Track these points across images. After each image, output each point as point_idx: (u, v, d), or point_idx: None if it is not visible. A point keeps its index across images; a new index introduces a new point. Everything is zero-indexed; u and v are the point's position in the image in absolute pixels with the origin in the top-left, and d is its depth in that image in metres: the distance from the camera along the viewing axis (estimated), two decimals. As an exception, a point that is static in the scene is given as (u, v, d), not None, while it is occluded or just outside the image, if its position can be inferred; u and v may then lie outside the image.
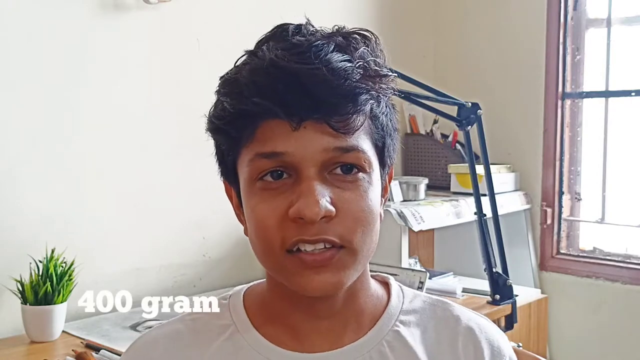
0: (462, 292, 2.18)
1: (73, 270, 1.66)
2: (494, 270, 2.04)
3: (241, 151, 0.71)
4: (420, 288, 1.97)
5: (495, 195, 2.09)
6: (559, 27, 2.61)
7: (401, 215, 2.17)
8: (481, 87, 2.76)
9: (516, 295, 2.10)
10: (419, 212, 2.23)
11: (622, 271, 2.50)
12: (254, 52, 0.71)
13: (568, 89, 2.65)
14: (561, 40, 2.61)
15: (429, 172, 2.71)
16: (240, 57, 0.72)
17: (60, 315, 1.64)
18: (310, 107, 0.66)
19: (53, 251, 1.64)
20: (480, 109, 2.01)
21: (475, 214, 2.06)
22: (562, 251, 2.70)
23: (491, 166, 2.09)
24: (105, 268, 1.88)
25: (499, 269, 2.06)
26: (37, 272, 1.62)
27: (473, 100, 2.03)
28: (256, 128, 0.68)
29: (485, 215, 2.06)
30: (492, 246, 2.05)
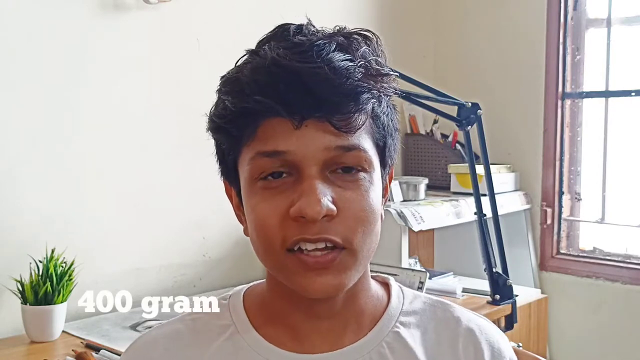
0: (462, 292, 2.18)
1: (73, 270, 1.66)
2: (494, 270, 2.04)
3: (242, 150, 0.71)
4: (420, 288, 1.97)
5: (495, 195, 2.09)
6: (559, 27, 2.61)
7: (401, 215, 2.17)
8: (481, 87, 2.76)
9: (516, 295, 2.10)
10: (419, 212, 2.23)
11: (622, 271, 2.50)
12: (256, 51, 0.71)
13: (568, 89, 2.65)
14: (561, 40, 2.61)
15: (429, 172, 2.71)
16: (241, 57, 0.72)
17: (60, 315, 1.63)
18: (312, 106, 0.66)
19: (53, 251, 1.64)
20: (480, 109, 2.01)
21: (475, 214, 2.06)
22: (562, 251, 2.69)
23: (491, 166, 2.09)
24: (105, 268, 1.88)
25: (499, 269, 2.06)
26: (37, 272, 1.62)
27: (473, 100, 2.03)
28: (257, 126, 0.68)
29: (485, 215, 2.06)
30: (492, 246, 2.05)
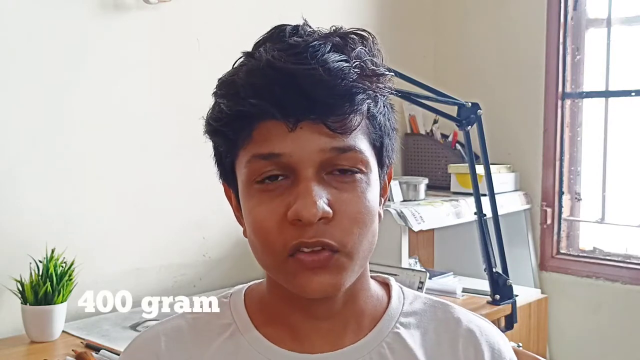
0: (462, 292, 2.18)
1: (73, 270, 1.66)
2: (494, 270, 2.04)
3: (239, 153, 0.71)
4: (420, 288, 1.97)
5: (495, 195, 2.08)
6: (559, 27, 2.61)
7: (401, 215, 2.17)
8: (481, 87, 2.76)
9: (516, 295, 2.10)
10: (419, 212, 2.23)
11: (622, 271, 2.50)
12: (251, 53, 0.71)
13: (568, 89, 2.65)
14: (561, 40, 2.61)
15: (429, 172, 2.71)
16: (238, 59, 0.72)
17: (60, 315, 1.63)
18: (307, 108, 0.66)
19: (53, 251, 1.64)
20: (480, 109, 2.01)
21: (475, 214, 2.06)
22: (562, 251, 2.69)
23: (491, 166, 2.09)
24: (105, 268, 1.88)
25: (499, 269, 2.06)
26: (37, 272, 1.62)
27: (473, 100, 2.03)
28: (253, 129, 0.68)
29: (485, 215, 2.06)
30: (492, 246, 2.05)
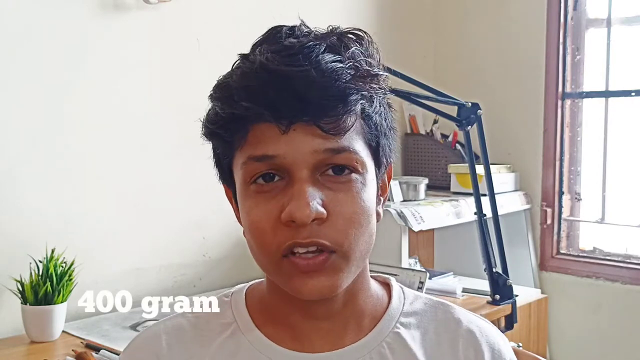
0: (462, 292, 2.18)
1: (73, 270, 1.66)
2: (494, 270, 2.04)
3: (235, 154, 0.71)
4: (420, 288, 1.97)
5: (495, 195, 2.08)
6: (559, 27, 2.61)
7: (401, 215, 2.17)
8: (481, 87, 2.76)
9: (516, 295, 2.10)
10: (419, 212, 2.23)
11: (622, 271, 2.50)
12: (246, 55, 0.71)
13: (568, 89, 2.65)
14: (561, 40, 2.61)
15: (429, 172, 2.71)
16: (235, 61, 0.72)
17: (60, 315, 1.63)
18: (300, 110, 0.66)
19: (53, 251, 1.64)
20: (480, 109, 2.01)
21: (475, 214, 2.06)
22: (562, 251, 2.69)
23: (491, 166, 2.09)
24: (105, 268, 1.88)
25: (499, 269, 2.06)
26: (37, 272, 1.62)
27: (473, 100, 2.03)
28: (248, 131, 0.69)
29: (485, 215, 2.06)
30: (492, 246, 2.05)
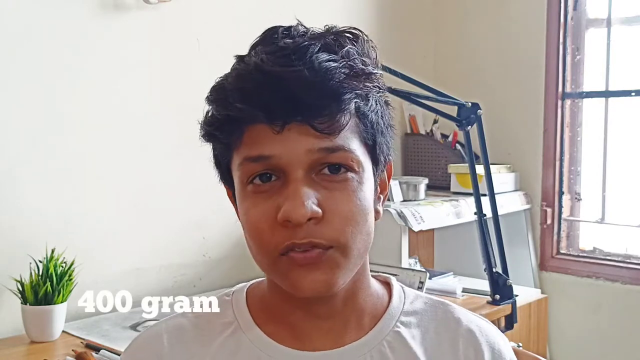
0: (462, 292, 2.18)
1: (73, 270, 1.66)
2: (494, 270, 2.04)
3: (232, 155, 0.72)
4: (420, 288, 1.97)
5: (495, 195, 2.08)
6: (559, 27, 2.61)
7: (401, 215, 2.17)
8: (481, 87, 2.76)
9: (516, 295, 2.10)
10: (419, 212, 2.23)
11: (622, 271, 2.50)
12: (242, 57, 0.72)
13: (568, 89, 2.65)
14: (561, 40, 2.61)
15: (429, 172, 2.71)
16: (234, 63, 0.73)
17: (60, 315, 1.63)
18: (293, 110, 0.66)
19: (53, 251, 1.64)
20: (480, 109, 2.01)
21: (475, 214, 2.06)
22: (562, 251, 2.69)
23: (491, 166, 2.09)
24: (105, 268, 1.88)
25: (499, 269, 2.06)
26: (37, 272, 1.62)
27: (473, 100, 2.03)
28: (243, 133, 0.69)
29: (485, 215, 2.06)
30: (492, 246, 2.05)
